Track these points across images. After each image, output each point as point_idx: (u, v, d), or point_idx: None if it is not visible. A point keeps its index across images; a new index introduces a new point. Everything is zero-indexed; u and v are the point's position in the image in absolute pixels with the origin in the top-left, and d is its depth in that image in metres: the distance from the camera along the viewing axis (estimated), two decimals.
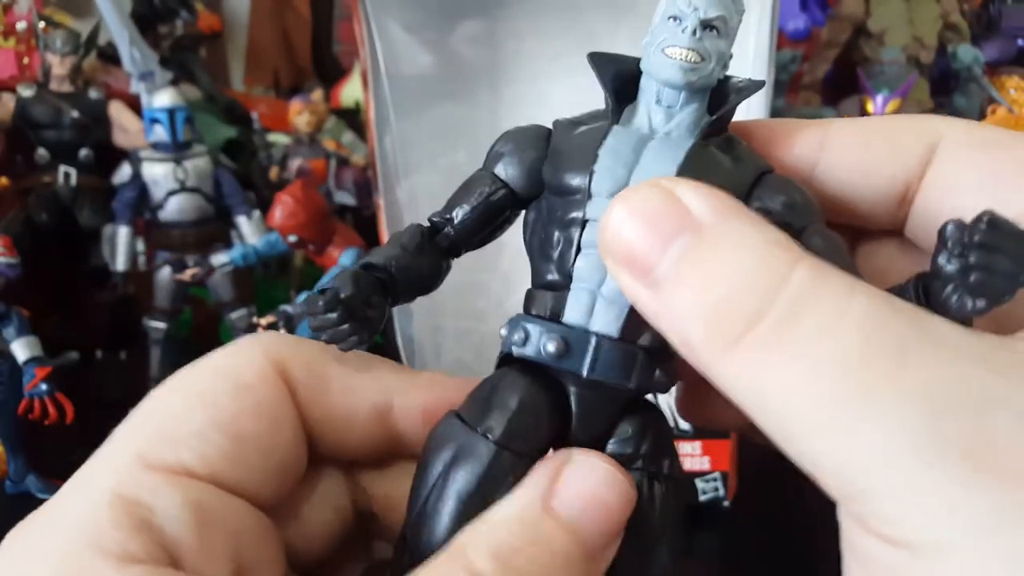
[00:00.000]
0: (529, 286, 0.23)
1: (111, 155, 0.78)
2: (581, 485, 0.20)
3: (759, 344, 0.17)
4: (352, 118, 0.95)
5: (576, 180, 0.22)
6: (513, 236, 0.25)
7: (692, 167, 0.21)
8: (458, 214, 0.23)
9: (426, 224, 0.24)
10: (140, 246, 0.77)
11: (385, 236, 0.55)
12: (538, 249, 0.23)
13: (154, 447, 0.20)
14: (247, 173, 0.83)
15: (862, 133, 0.22)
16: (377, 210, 0.55)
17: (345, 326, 0.21)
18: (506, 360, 0.23)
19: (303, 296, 0.70)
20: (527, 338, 0.22)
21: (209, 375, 0.21)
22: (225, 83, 1.13)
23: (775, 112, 0.51)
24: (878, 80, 0.76)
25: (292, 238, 0.66)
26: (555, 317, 0.22)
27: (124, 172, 0.75)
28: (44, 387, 0.57)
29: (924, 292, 0.18)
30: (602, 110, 0.23)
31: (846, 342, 0.16)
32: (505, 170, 0.23)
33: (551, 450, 0.22)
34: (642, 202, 0.18)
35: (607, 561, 0.20)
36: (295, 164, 0.86)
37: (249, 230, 0.73)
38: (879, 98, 0.76)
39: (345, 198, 0.88)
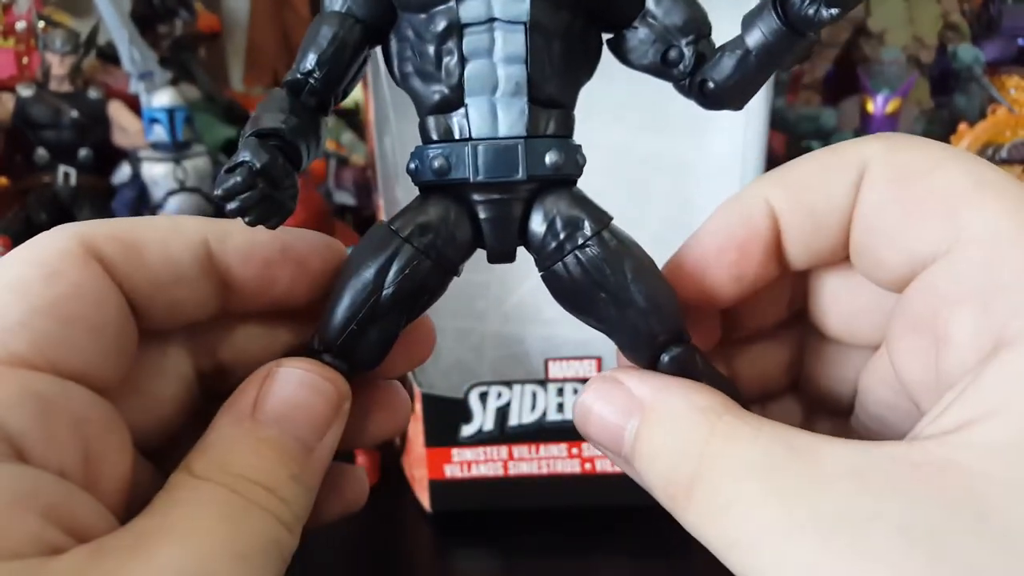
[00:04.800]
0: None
1: (110, 155, 0.78)
2: (282, 395, 0.21)
3: (702, 505, 0.19)
4: (352, 118, 0.95)
5: None
6: None
7: None
8: (315, 65, 0.22)
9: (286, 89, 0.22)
10: None
11: None
12: (417, 74, 0.22)
13: None
14: None
15: (795, 197, 0.22)
16: (377, 210, 0.55)
17: (269, 199, 0.20)
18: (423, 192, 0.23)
19: None
20: (422, 164, 0.22)
21: (15, 266, 0.20)
22: (224, 83, 1.13)
23: (775, 112, 0.51)
24: (878, 80, 0.76)
25: None
26: (451, 135, 0.22)
27: (123, 172, 0.75)
28: None
29: (781, 8, 0.20)
30: None
31: (754, 491, 0.18)
32: (346, 3, 0.22)
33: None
34: (596, 391, 0.22)
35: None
36: None
37: None
38: (879, 98, 0.76)
39: (345, 198, 0.87)
